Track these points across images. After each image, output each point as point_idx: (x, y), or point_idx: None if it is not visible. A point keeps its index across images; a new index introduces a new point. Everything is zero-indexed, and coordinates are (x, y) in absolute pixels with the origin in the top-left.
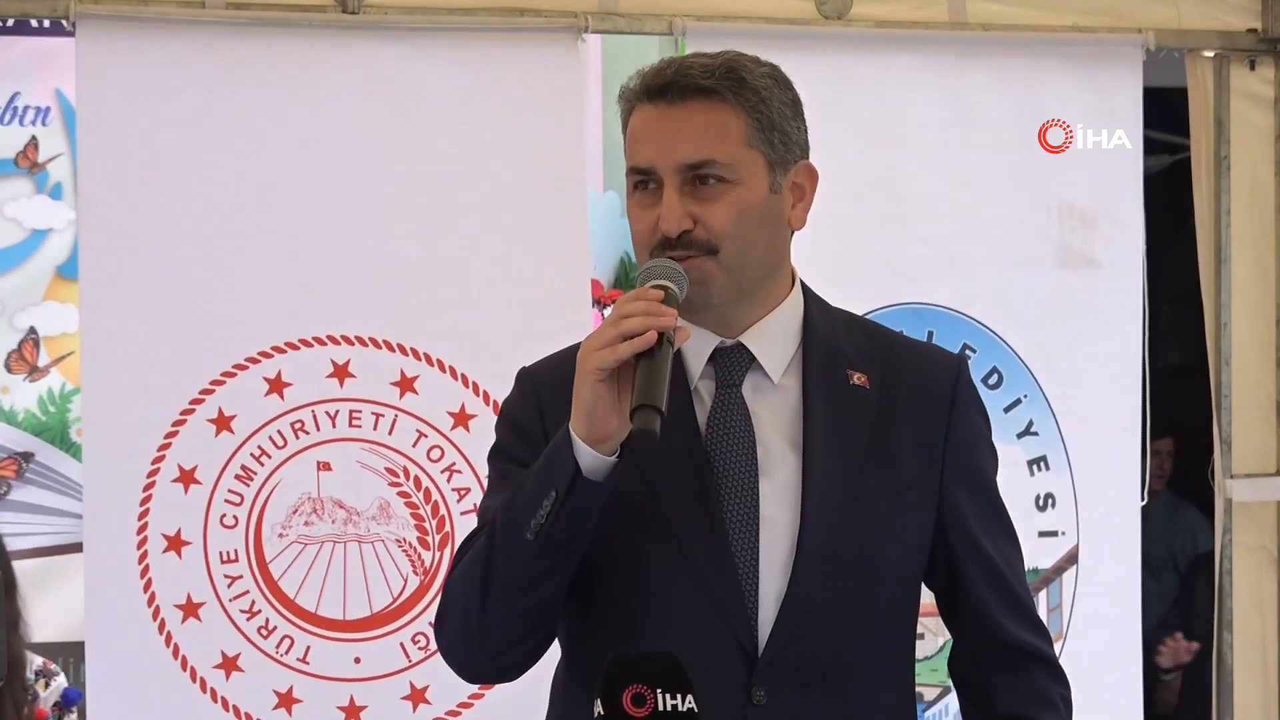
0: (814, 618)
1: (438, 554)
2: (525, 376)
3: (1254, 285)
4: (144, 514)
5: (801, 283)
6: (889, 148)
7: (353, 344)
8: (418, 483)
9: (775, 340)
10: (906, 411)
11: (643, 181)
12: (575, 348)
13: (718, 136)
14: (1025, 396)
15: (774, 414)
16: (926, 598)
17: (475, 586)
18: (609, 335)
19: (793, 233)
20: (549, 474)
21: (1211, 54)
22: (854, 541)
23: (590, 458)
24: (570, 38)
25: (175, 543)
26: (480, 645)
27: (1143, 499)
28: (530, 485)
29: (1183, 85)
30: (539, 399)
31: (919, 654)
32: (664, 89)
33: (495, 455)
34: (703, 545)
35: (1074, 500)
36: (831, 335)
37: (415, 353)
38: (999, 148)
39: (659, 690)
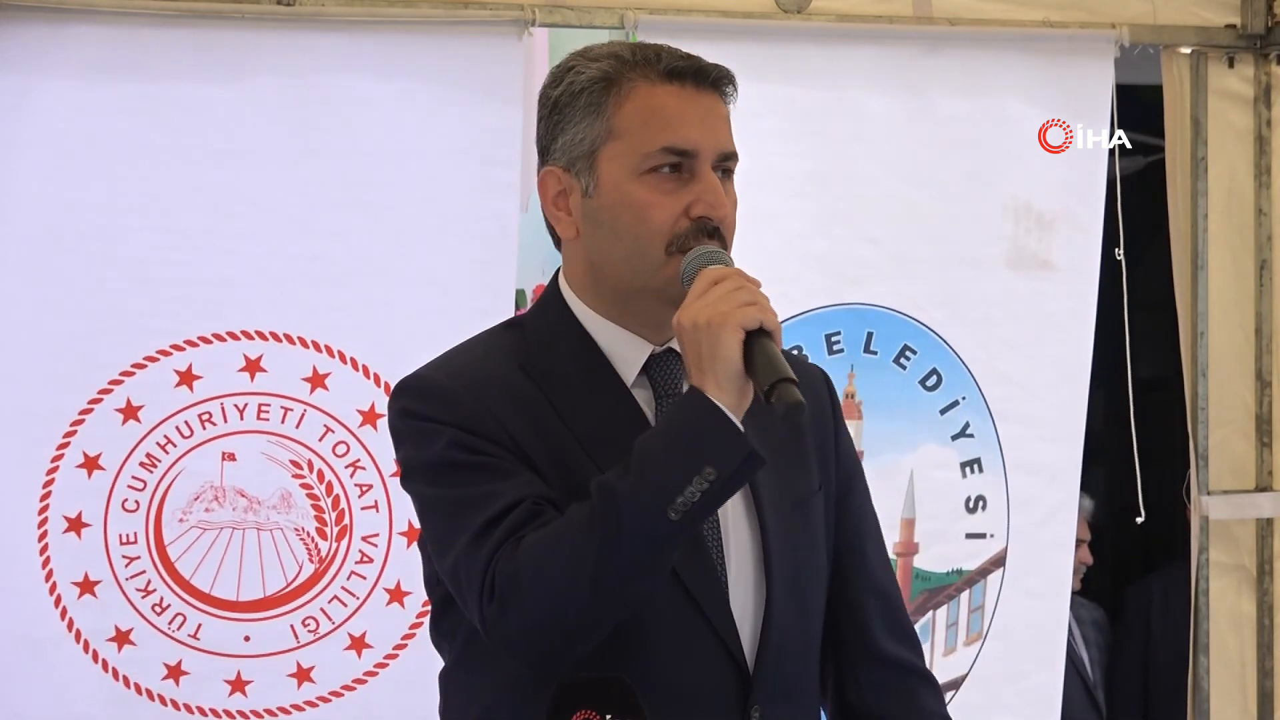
0: (787, 633)
1: (335, 544)
2: (446, 382)
3: (1232, 293)
4: (45, 496)
5: None
6: (842, 145)
7: (267, 339)
8: (321, 476)
9: None
10: (806, 420)
11: (674, 164)
12: (468, 352)
13: (732, 131)
14: (964, 398)
15: None
16: None
17: (584, 570)
18: (743, 298)
19: None
20: (699, 450)
21: (1188, 50)
22: (803, 554)
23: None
24: (514, 31)
25: (75, 524)
26: (573, 631)
27: (1140, 515)
28: (668, 463)
29: (1159, 83)
30: (482, 403)
31: None
32: (698, 73)
33: (454, 447)
34: (690, 560)
35: (1006, 503)
36: None
37: (329, 350)
38: (958, 146)
39: (608, 716)
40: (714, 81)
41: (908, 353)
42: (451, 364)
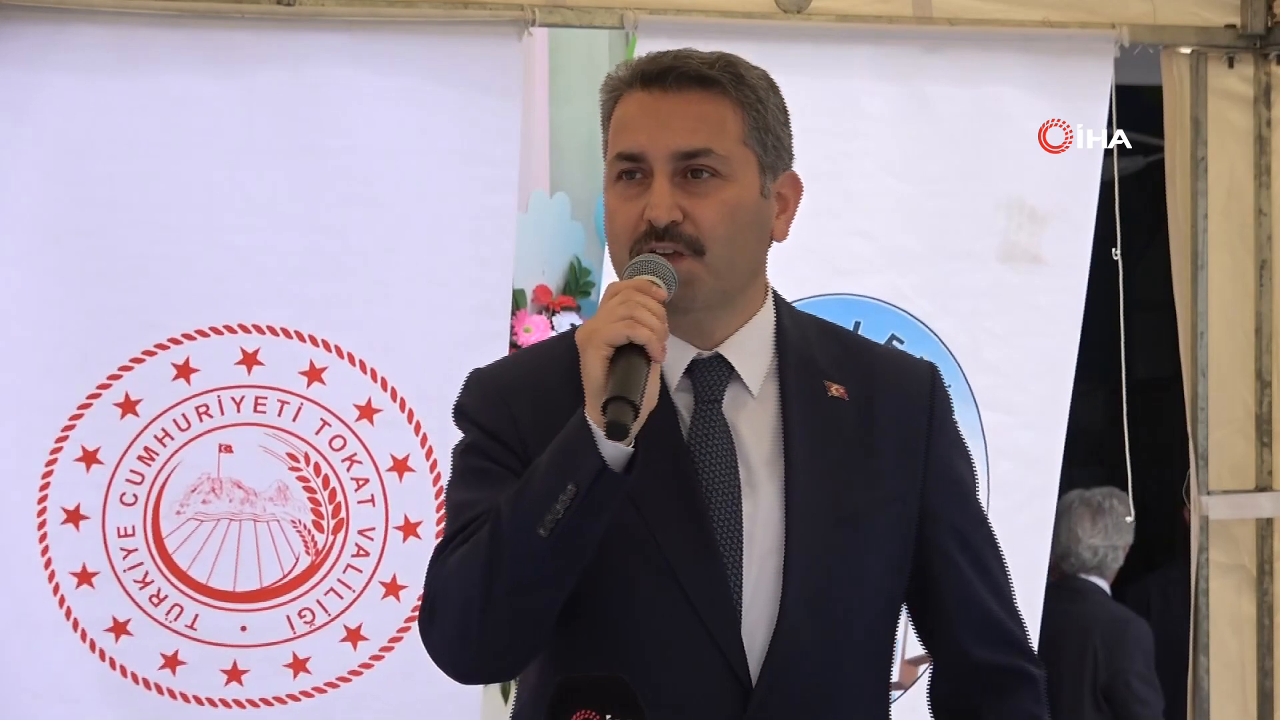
0: (804, 648)
1: (331, 537)
2: (489, 382)
3: (1232, 293)
4: (44, 488)
5: (773, 291)
6: (839, 141)
7: (264, 333)
8: (317, 469)
9: (753, 351)
10: (886, 423)
11: (629, 171)
12: (529, 354)
13: (715, 128)
14: (949, 388)
15: (754, 430)
16: None
17: (475, 586)
18: (620, 313)
19: (771, 243)
20: (564, 467)
21: (1188, 50)
22: (839, 567)
23: (611, 448)
24: (514, 31)
25: (74, 516)
26: (476, 646)
27: (1129, 515)
28: (541, 479)
29: (1159, 83)
30: (511, 408)
31: None
32: (662, 74)
33: (469, 451)
34: (695, 569)
35: (986, 488)
36: (805, 345)
37: (326, 344)
38: (956, 144)
39: (608, 716)
40: (686, 78)
41: (894, 342)
42: (508, 364)
